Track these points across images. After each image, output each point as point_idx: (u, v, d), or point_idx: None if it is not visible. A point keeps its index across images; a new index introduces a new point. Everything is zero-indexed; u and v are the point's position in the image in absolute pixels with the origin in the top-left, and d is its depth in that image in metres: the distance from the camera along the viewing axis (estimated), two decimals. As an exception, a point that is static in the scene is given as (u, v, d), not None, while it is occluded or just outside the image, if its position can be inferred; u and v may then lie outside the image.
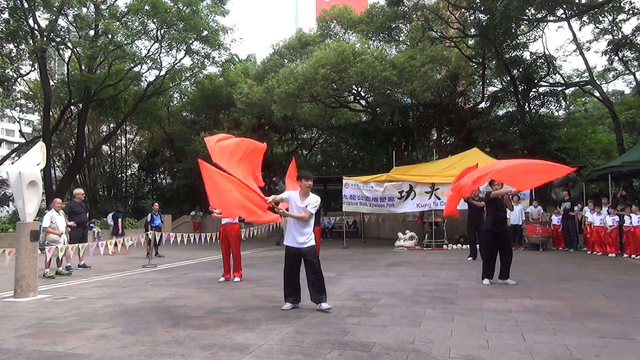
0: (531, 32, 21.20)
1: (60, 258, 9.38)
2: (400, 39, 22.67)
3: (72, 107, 23.63)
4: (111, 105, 24.25)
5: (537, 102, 22.56)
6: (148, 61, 21.76)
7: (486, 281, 7.50)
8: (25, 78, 23.25)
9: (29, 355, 4.04)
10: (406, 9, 20.78)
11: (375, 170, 18.70)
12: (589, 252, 12.90)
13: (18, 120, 26.75)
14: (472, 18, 21.10)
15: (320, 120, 23.95)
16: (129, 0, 19.87)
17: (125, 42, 19.91)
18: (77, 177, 25.50)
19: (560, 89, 22.24)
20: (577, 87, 22.75)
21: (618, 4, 17.53)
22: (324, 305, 5.52)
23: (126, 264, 11.49)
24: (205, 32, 20.43)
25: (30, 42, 19.23)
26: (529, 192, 13.96)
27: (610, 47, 19.50)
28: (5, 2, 18.63)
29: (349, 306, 5.54)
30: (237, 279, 8.37)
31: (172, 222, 21.65)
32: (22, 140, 26.52)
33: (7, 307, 6.27)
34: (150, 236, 12.06)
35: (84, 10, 19.66)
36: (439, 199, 14.87)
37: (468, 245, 12.77)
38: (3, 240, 14.06)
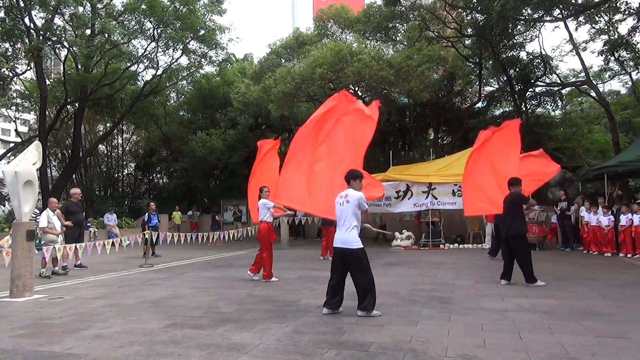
0: (528, 32, 21.19)
1: (59, 258, 9.34)
2: (397, 38, 22.64)
3: (68, 107, 23.48)
4: (107, 104, 24.12)
5: (533, 102, 22.60)
6: (145, 60, 21.65)
7: (541, 282, 7.23)
8: (21, 77, 23.09)
9: (25, 355, 4.03)
10: (403, 8, 20.73)
11: (372, 170, 18.61)
12: (585, 251, 12.96)
13: (14, 119, 26.61)
14: (469, 18, 21.09)
15: (317, 119, 23.86)
16: (125, -1, 19.81)
17: (122, 41, 19.82)
18: (74, 176, 25.38)
19: (556, 89, 22.26)
20: (574, 87, 22.77)
21: (614, 5, 17.55)
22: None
23: (123, 264, 11.46)
24: (202, 32, 20.35)
25: (26, 41, 19.10)
26: None
27: (606, 47, 19.51)
28: (1, 1, 18.53)
29: (345, 305, 5.54)
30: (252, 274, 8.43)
31: (169, 221, 21.59)
32: (18, 140, 26.32)
33: (3, 307, 6.24)
34: (147, 236, 12.05)
35: (80, 9, 19.53)
36: (436, 198, 14.91)
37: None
38: (-1, 240, 13.96)
